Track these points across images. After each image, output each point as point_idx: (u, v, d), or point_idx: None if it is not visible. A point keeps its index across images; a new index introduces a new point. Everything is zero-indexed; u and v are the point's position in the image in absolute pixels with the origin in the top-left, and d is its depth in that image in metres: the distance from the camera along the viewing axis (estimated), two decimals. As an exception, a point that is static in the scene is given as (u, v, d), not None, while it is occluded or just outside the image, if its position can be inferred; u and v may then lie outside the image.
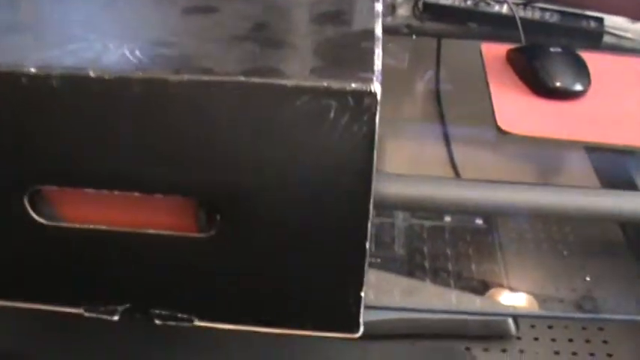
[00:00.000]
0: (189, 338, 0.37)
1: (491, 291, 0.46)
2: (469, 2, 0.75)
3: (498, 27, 0.73)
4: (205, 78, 0.27)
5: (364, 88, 0.27)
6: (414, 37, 0.72)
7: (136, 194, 0.30)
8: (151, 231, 0.31)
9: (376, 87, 0.27)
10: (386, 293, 0.44)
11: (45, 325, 0.38)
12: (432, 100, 0.64)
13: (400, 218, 0.51)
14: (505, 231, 0.52)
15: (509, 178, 0.54)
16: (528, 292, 0.46)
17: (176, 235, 0.31)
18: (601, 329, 0.46)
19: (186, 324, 0.33)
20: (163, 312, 0.33)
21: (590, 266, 0.48)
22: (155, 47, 0.30)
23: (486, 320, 0.45)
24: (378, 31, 0.32)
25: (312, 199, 0.29)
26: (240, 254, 0.31)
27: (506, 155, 0.59)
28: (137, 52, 0.29)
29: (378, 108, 0.27)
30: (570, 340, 0.45)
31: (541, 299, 0.46)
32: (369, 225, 0.30)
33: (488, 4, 0.75)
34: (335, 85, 0.27)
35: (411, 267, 0.47)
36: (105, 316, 0.33)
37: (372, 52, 0.29)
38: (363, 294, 0.32)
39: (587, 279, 0.46)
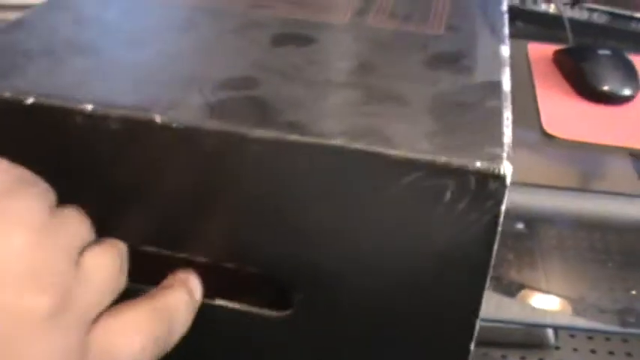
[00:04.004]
0: None
1: (531, 298, 0.45)
2: (516, 1, 0.74)
3: (545, 27, 0.72)
4: (292, 137, 0.22)
5: (490, 168, 0.21)
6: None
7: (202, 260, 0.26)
8: (220, 303, 0.27)
9: (506, 168, 0.21)
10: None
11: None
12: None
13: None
14: (546, 237, 0.50)
15: (549, 182, 0.53)
16: (569, 301, 0.45)
17: (246, 312, 0.27)
18: (643, 342, 0.44)
19: None
20: None
21: (634, 278, 0.47)
22: (233, 88, 0.25)
23: (524, 328, 0.44)
24: (506, 85, 0.26)
25: (410, 291, 0.25)
26: (317, 341, 0.27)
27: (547, 158, 0.58)
28: (210, 94, 0.24)
29: (506, 193, 0.22)
30: (611, 353, 0.44)
31: (581, 309, 0.45)
32: (476, 326, 0.25)
33: (535, 2, 0.73)
34: (455, 161, 0.21)
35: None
36: None
37: (500, 116, 0.24)
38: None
39: (633, 292, 0.45)
